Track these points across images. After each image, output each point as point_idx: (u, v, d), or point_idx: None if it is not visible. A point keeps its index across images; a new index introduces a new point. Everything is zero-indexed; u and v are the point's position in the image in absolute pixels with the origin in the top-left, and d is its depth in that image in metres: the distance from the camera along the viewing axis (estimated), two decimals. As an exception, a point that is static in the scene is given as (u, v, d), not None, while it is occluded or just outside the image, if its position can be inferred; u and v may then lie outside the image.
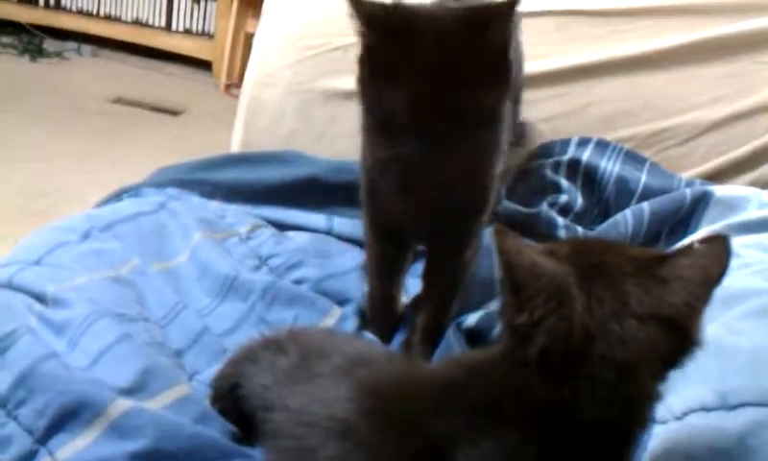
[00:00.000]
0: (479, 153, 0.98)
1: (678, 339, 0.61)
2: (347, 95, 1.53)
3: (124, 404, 0.81)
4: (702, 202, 1.22)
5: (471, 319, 1.04)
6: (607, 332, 0.59)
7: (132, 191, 1.35)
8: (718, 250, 0.63)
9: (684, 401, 0.83)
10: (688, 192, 1.24)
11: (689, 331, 0.61)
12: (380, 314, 1.14)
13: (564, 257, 0.63)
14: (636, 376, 0.60)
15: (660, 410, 0.83)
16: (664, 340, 0.60)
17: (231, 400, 0.86)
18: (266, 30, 1.66)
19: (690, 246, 0.64)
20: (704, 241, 0.64)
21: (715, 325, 0.89)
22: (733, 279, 0.97)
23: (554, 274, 0.61)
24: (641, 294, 0.60)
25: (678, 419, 0.83)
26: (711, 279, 0.62)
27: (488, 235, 1.17)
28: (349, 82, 1.53)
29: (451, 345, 1.00)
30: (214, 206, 1.33)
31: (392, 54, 0.88)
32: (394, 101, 0.87)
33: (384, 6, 0.90)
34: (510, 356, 0.64)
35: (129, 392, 0.85)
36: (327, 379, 0.76)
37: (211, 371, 0.95)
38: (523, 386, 0.62)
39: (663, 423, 0.83)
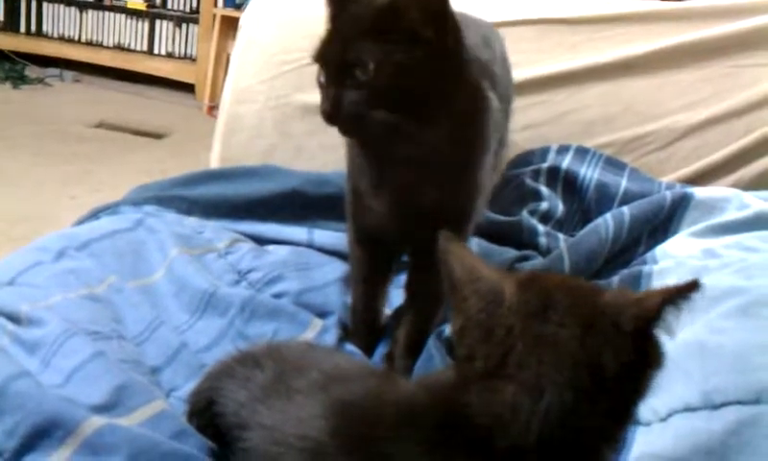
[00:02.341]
0: (465, 144, 0.98)
1: (599, 336, 0.58)
2: (324, 108, 1.53)
3: (97, 422, 0.79)
4: (682, 204, 1.22)
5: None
6: (526, 332, 0.59)
7: (110, 209, 1.34)
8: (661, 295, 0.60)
9: (667, 403, 0.82)
10: (668, 195, 1.24)
11: (621, 326, 0.58)
12: (363, 326, 1.13)
13: (511, 274, 0.64)
14: (552, 392, 0.57)
15: (644, 412, 0.83)
16: (588, 339, 0.58)
17: (208, 416, 0.84)
18: (243, 46, 1.66)
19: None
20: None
21: (697, 325, 0.89)
22: (715, 279, 0.98)
23: (491, 280, 0.62)
24: (567, 307, 0.59)
25: (662, 420, 0.82)
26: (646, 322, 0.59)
27: (468, 245, 1.18)
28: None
29: (432, 355, 0.99)
30: (192, 221, 1.31)
31: None
32: None
33: None
34: (457, 375, 0.63)
35: (102, 409, 0.83)
36: (303, 396, 0.74)
37: (189, 387, 0.93)
38: (465, 408, 0.60)
39: (647, 425, 0.82)
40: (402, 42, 0.88)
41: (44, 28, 4.35)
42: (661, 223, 1.21)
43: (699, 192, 1.23)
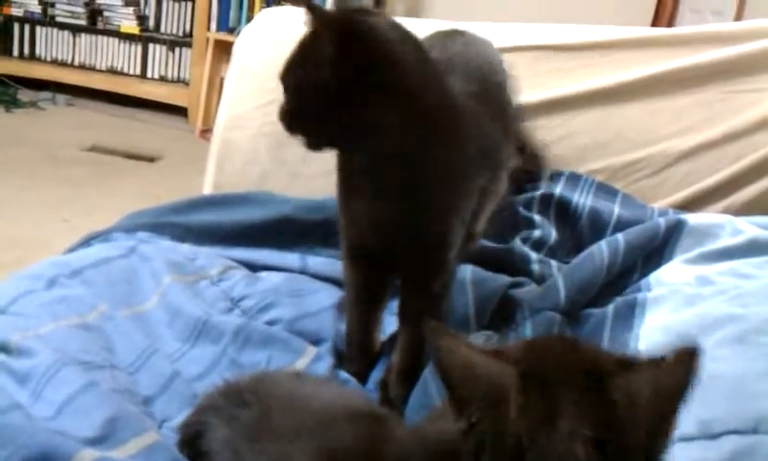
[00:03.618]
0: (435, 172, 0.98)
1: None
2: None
3: (90, 455, 0.78)
4: (676, 231, 1.22)
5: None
6: (536, 444, 0.54)
7: (102, 236, 1.33)
8: (687, 363, 0.55)
9: (664, 432, 0.81)
10: (662, 221, 1.24)
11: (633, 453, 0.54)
12: (356, 352, 1.12)
13: (511, 358, 0.58)
14: None
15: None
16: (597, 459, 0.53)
17: (196, 448, 0.83)
18: (236, 72, 1.66)
19: (662, 358, 0.56)
20: (677, 354, 0.56)
21: (693, 353, 0.89)
22: (710, 307, 0.98)
23: (491, 375, 0.56)
24: (576, 408, 0.54)
25: (659, 450, 0.81)
26: (674, 396, 0.55)
27: (462, 271, 1.17)
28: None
29: (428, 385, 0.98)
30: (185, 248, 1.31)
31: None
32: None
33: None
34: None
35: (95, 442, 0.82)
36: (288, 441, 0.73)
37: (182, 417, 0.92)
38: None
39: (644, 455, 0.81)
40: (318, 65, 0.92)
41: (37, 51, 4.36)
42: (656, 250, 1.21)
43: (692, 219, 1.24)
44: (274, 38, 1.67)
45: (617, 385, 0.54)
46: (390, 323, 1.16)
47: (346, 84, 0.92)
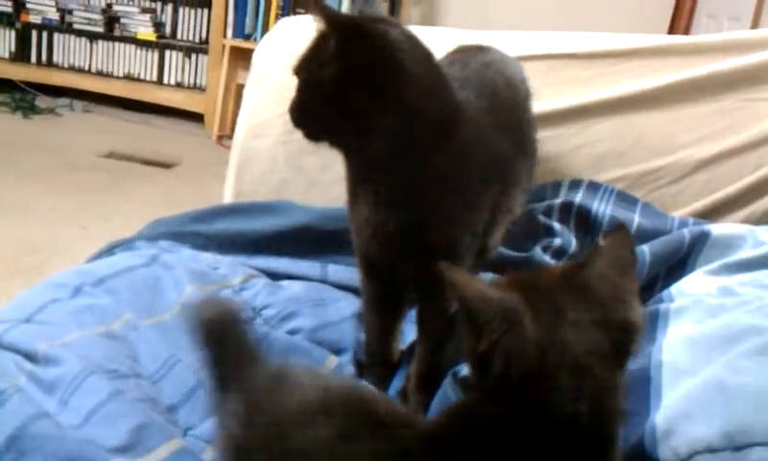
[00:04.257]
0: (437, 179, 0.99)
1: (616, 330, 0.67)
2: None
3: (118, 464, 0.79)
4: (699, 241, 1.21)
5: (467, 368, 1.02)
6: (555, 343, 0.65)
7: (125, 245, 1.34)
8: (622, 238, 0.71)
9: (689, 443, 0.81)
10: (687, 232, 1.23)
11: (622, 321, 0.68)
12: (376, 360, 1.13)
13: (507, 286, 0.69)
14: (590, 373, 0.65)
15: (666, 453, 0.82)
16: (604, 335, 0.66)
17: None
18: (256, 80, 1.67)
19: (596, 245, 0.71)
20: (606, 236, 0.72)
21: (718, 364, 0.89)
22: (733, 318, 0.97)
23: (503, 298, 0.66)
24: (573, 303, 0.67)
25: (684, 462, 0.81)
26: (627, 265, 0.71)
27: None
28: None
29: (448, 396, 0.98)
30: (207, 257, 1.32)
31: None
32: None
33: None
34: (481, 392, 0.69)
35: (122, 450, 0.83)
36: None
37: (206, 425, 0.93)
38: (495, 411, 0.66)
39: (670, 466, 0.81)
40: (323, 63, 0.95)
41: (55, 58, 4.40)
42: (679, 261, 1.21)
43: (716, 229, 1.23)
44: (293, 47, 1.66)
45: (589, 276, 0.69)
46: (410, 331, 1.16)
47: (347, 84, 0.94)
